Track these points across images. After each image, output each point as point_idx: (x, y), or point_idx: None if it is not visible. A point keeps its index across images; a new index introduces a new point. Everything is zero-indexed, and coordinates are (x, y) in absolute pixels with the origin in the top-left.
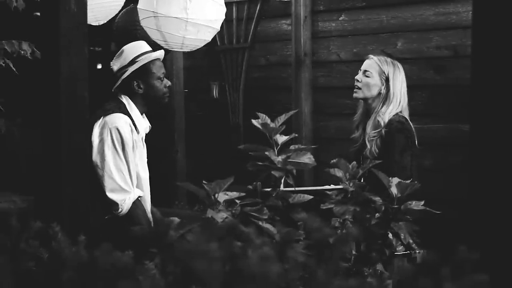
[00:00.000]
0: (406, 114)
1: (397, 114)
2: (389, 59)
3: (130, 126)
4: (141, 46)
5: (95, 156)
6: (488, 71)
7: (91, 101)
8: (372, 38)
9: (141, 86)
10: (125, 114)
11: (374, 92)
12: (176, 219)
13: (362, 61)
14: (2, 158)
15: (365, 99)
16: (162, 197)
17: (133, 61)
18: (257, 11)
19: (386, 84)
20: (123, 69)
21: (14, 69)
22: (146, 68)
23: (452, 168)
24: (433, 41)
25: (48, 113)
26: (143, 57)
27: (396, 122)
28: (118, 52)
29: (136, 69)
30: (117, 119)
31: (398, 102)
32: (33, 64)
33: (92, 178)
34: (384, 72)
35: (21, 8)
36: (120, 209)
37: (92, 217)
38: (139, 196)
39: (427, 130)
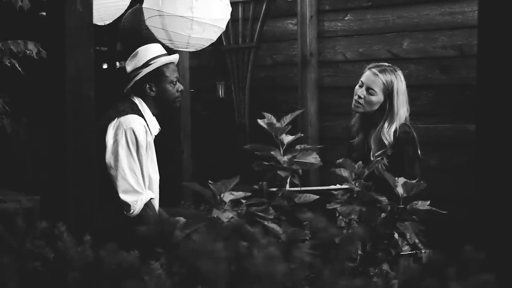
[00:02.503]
0: (407, 117)
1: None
2: (389, 68)
3: (145, 127)
4: (156, 48)
5: (109, 157)
6: (494, 70)
7: (96, 101)
8: (378, 37)
9: (153, 89)
10: (138, 115)
11: (375, 107)
12: (182, 219)
13: (368, 61)
14: (8, 157)
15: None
16: (168, 197)
17: (146, 64)
18: (263, 11)
19: (389, 100)
20: (137, 70)
21: (20, 69)
22: (159, 71)
23: (458, 168)
24: (439, 41)
25: (53, 113)
26: (157, 60)
27: (402, 134)
28: (133, 53)
29: (149, 71)
30: (132, 120)
31: (401, 116)
32: (39, 64)
33: (104, 178)
34: (388, 88)
35: (27, 7)
36: (132, 211)
37: (102, 218)
38: (151, 198)
39: (433, 130)
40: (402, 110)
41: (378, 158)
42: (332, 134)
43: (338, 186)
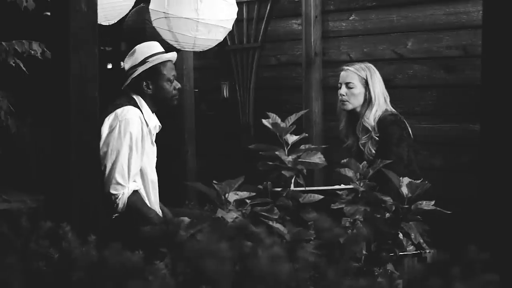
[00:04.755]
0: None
1: (386, 110)
2: (362, 64)
3: (140, 119)
4: (153, 46)
5: (101, 148)
6: (498, 70)
7: (101, 101)
8: (382, 37)
9: (150, 87)
10: (136, 107)
11: (361, 99)
12: (186, 219)
13: (372, 61)
14: (12, 157)
15: (353, 109)
16: (173, 197)
17: (143, 61)
18: (267, 11)
19: (367, 88)
20: (134, 68)
21: (24, 69)
22: (156, 69)
23: (462, 168)
24: (443, 41)
25: (58, 113)
26: (154, 58)
27: (389, 116)
28: (131, 51)
29: (146, 69)
30: (127, 112)
31: (381, 101)
32: (43, 64)
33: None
34: (363, 78)
35: (31, 8)
36: (115, 204)
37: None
38: (134, 190)
39: (437, 130)
40: (378, 92)
41: (364, 142)
42: (337, 134)
43: (342, 186)
